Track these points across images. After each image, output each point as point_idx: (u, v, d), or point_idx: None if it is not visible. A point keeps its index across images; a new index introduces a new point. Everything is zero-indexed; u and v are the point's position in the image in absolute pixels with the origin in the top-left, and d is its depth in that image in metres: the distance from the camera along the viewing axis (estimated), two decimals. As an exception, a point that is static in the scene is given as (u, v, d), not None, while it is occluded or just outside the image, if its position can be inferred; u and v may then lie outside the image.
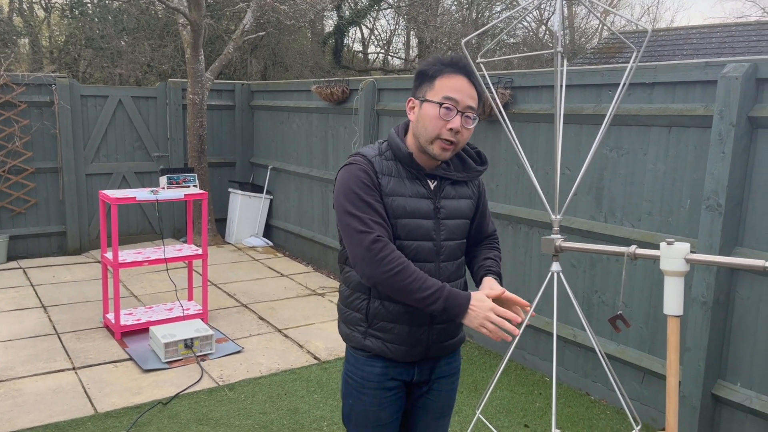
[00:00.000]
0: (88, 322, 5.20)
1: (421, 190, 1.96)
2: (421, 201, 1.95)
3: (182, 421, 3.70)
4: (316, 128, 7.15)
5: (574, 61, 13.69)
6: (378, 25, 17.99)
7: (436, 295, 1.82)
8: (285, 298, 6.06)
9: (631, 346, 3.94)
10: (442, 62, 1.91)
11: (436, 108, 1.87)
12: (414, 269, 1.84)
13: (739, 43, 11.04)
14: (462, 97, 1.87)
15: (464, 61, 1.91)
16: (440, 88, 1.88)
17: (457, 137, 1.89)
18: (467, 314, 1.82)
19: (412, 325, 1.97)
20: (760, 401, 3.30)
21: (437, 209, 1.97)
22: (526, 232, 4.58)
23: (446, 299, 1.82)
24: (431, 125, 1.88)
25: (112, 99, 7.58)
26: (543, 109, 4.39)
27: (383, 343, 1.99)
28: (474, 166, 2.07)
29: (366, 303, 1.99)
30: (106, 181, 7.61)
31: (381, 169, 1.93)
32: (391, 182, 1.93)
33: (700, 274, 3.41)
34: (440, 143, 1.89)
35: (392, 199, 1.92)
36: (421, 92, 1.93)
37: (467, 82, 1.90)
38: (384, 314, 1.97)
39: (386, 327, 1.98)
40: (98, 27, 11.33)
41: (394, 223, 1.92)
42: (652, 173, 3.76)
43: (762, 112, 3.20)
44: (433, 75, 1.90)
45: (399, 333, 1.97)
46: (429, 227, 1.95)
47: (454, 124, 1.87)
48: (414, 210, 1.93)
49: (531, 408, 3.98)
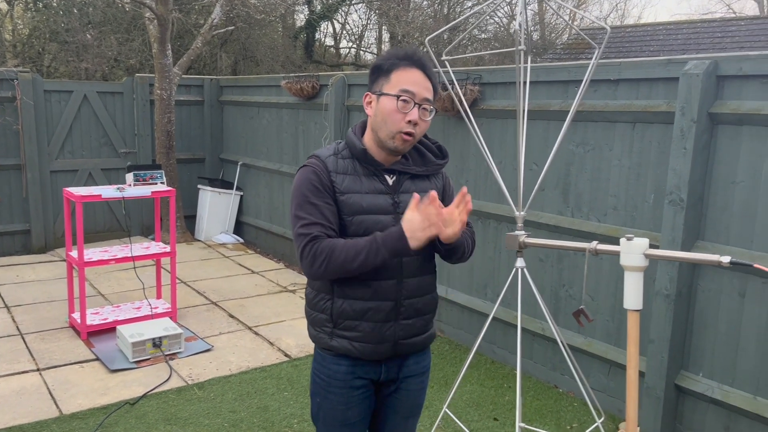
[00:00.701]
0: (53, 322, 5.10)
1: (378, 185, 1.97)
2: (379, 197, 1.96)
3: (150, 421, 3.65)
4: (287, 124, 7.11)
5: (545, 57, 13.83)
6: (350, 19, 17.92)
7: (374, 248, 1.83)
8: (256, 295, 6.02)
9: (597, 339, 4.00)
10: (397, 56, 1.93)
11: (393, 101, 1.89)
12: (342, 244, 1.85)
13: (704, 39, 11.26)
14: (418, 89, 1.89)
15: (419, 54, 1.93)
16: (396, 82, 1.90)
17: (415, 129, 1.91)
18: (409, 238, 1.82)
19: (377, 322, 1.97)
20: (722, 391, 3.39)
21: (396, 204, 1.97)
22: (495, 227, 4.61)
23: (384, 243, 1.83)
24: (390, 118, 1.90)
25: (77, 94, 7.43)
26: (511, 106, 4.42)
27: (349, 342, 1.99)
28: (434, 160, 2.07)
29: (330, 303, 1.98)
30: (71, 178, 7.46)
31: (335, 168, 1.94)
32: (347, 180, 1.94)
33: (663, 267, 3.47)
34: (401, 136, 1.90)
35: (348, 197, 1.92)
36: (377, 86, 1.95)
37: (422, 75, 1.91)
38: (349, 313, 1.97)
39: (351, 325, 1.98)
40: (63, 20, 11.09)
41: (351, 220, 1.92)
42: (617, 169, 3.82)
43: (722, 109, 3.27)
44: (389, 69, 1.92)
45: (364, 331, 1.97)
46: (388, 222, 1.95)
47: (412, 116, 1.88)
48: (371, 206, 1.94)
49: (500, 401, 4.02)
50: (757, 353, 3.25)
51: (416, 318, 2.03)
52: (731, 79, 3.27)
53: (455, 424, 3.68)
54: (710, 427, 3.47)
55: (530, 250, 4.31)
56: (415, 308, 2.02)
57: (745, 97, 3.22)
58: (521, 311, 2.06)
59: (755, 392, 3.27)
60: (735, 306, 3.32)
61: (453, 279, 5.00)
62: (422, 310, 2.04)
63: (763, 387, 3.24)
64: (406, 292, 1.98)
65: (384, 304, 1.96)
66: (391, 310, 1.97)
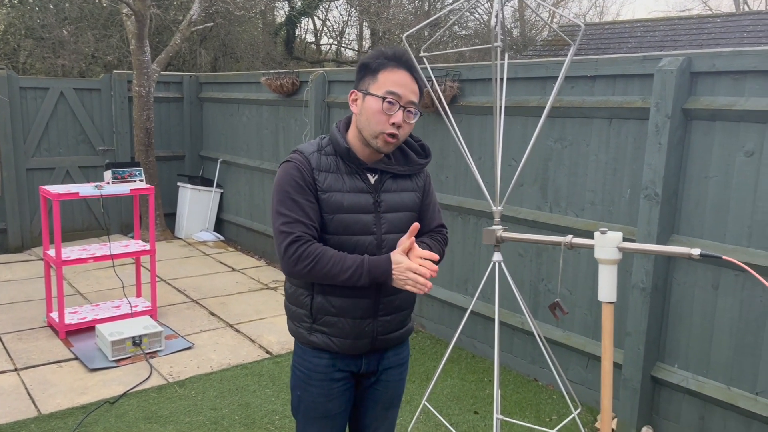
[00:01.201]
0: (31, 322, 5.05)
1: (359, 184, 1.97)
2: (360, 195, 1.96)
3: (130, 420, 3.64)
4: (267, 120, 7.08)
5: (524, 54, 13.91)
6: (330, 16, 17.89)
7: (359, 272, 1.86)
8: (237, 292, 6.00)
9: (576, 332, 4.05)
10: (385, 56, 1.93)
11: (379, 102, 1.89)
12: (331, 255, 1.87)
13: (681, 36, 11.40)
14: (404, 92, 1.90)
15: (407, 56, 1.94)
16: (383, 83, 1.90)
17: (399, 131, 1.92)
18: (393, 277, 1.87)
19: (356, 318, 1.98)
20: (696, 382, 3.45)
21: (377, 203, 1.98)
22: (475, 223, 4.65)
23: (369, 272, 1.87)
24: (374, 119, 1.90)
25: (54, 91, 7.33)
26: (490, 102, 4.45)
27: (328, 337, 2.00)
28: (416, 160, 2.08)
29: (309, 299, 1.99)
30: (48, 176, 7.36)
31: (318, 165, 1.94)
32: (329, 178, 1.94)
33: (639, 261, 3.53)
34: (384, 137, 1.91)
35: (329, 195, 1.93)
36: (364, 85, 1.95)
37: (409, 76, 1.92)
38: (328, 309, 1.98)
39: (330, 321, 1.99)
40: (39, 16, 10.92)
41: (331, 218, 1.93)
42: (594, 164, 3.87)
43: (696, 105, 3.33)
44: (377, 68, 1.92)
45: (343, 327, 1.99)
46: (368, 221, 1.96)
47: (397, 118, 1.89)
48: (352, 205, 1.95)
49: (481, 395, 4.06)
50: (730, 344, 3.32)
51: (395, 314, 2.06)
52: (704, 75, 3.33)
53: (436, 418, 3.71)
54: (686, 417, 3.54)
55: (510, 246, 4.35)
56: (393, 305, 2.04)
57: (717, 93, 3.28)
58: (500, 306, 2.09)
59: (729, 382, 3.35)
60: (709, 298, 3.39)
61: (434, 274, 5.02)
62: (400, 306, 2.07)
63: (737, 377, 3.31)
64: (385, 290, 1.98)
65: (363, 301, 1.97)
66: (370, 306, 1.99)
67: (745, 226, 3.21)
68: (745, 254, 3.19)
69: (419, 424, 3.66)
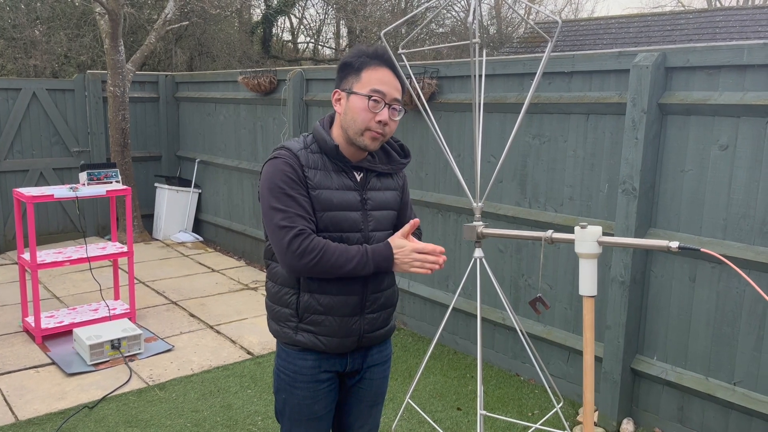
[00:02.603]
0: (6, 327, 4.96)
1: (347, 182, 1.97)
2: (348, 193, 1.96)
3: (110, 424, 3.59)
4: (245, 120, 7.03)
5: (501, 51, 13.98)
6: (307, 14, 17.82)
7: (363, 260, 1.88)
8: (217, 293, 5.95)
9: (557, 326, 4.08)
10: (367, 54, 1.93)
11: (364, 101, 1.89)
12: (335, 247, 1.88)
13: (654, 32, 11.55)
14: (389, 89, 1.91)
15: (388, 54, 1.94)
16: (367, 81, 1.90)
17: (385, 129, 1.92)
18: (395, 263, 1.90)
19: (344, 316, 1.98)
20: (675, 373, 3.50)
21: (364, 201, 1.99)
22: (455, 220, 4.66)
23: (373, 259, 1.89)
24: (360, 117, 1.90)
25: (26, 92, 7.20)
26: (469, 99, 4.47)
27: (315, 336, 1.99)
28: (398, 159, 2.10)
29: (295, 297, 1.98)
30: (21, 179, 7.24)
31: (307, 163, 1.93)
32: (318, 175, 1.93)
33: (618, 254, 3.57)
34: (370, 134, 1.91)
35: (319, 192, 1.92)
36: (347, 84, 1.94)
37: (392, 74, 1.93)
38: (315, 307, 1.96)
39: (317, 320, 1.97)
40: (10, 16, 10.71)
41: (321, 215, 1.92)
42: (572, 159, 3.90)
43: (671, 99, 3.37)
44: (359, 67, 1.92)
45: (330, 325, 1.98)
46: (357, 219, 1.97)
47: (382, 116, 1.90)
48: (341, 202, 1.95)
49: (464, 391, 4.07)
50: (707, 336, 3.37)
51: (380, 312, 2.06)
52: (679, 70, 3.38)
53: (419, 415, 3.71)
54: (665, 409, 3.58)
55: (490, 242, 4.37)
56: (379, 302, 2.05)
57: (692, 88, 3.33)
58: (481, 301, 2.10)
59: (706, 373, 3.40)
60: (686, 291, 3.44)
61: (415, 272, 5.03)
62: (385, 303, 2.08)
63: (714, 368, 3.37)
64: (372, 287, 2.00)
65: (351, 298, 1.97)
66: (357, 304, 1.99)
67: (721, 219, 3.26)
68: (720, 246, 3.23)
69: (402, 422, 3.66)
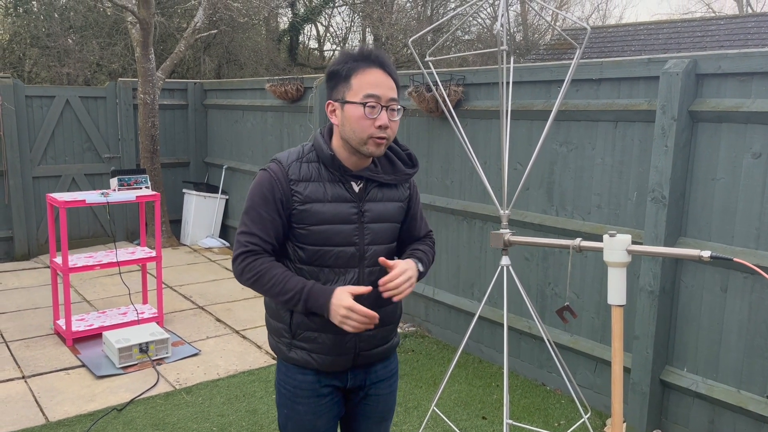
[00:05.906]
0: (38, 329, 5.06)
1: (343, 193, 1.89)
2: (342, 205, 1.88)
3: (138, 426, 3.63)
4: (272, 127, 7.10)
5: (528, 57, 13.92)
6: (333, 22, 17.92)
7: (297, 298, 1.84)
8: (242, 298, 6.00)
9: (583, 336, 4.04)
10: (353, 58, 1.83)
11: (359, 108, 1.80)
12: (274, 274, 1.85)
13: (684, 38, 11.40)
14: (383, 91, 1.81)
15: (375, 53, 1.84)
16: (359, 87, 1.80)
17: (387, 132, 1.84)
18: (330, 314, 1.83)
19: (338, 334, 1.90)
20: (706, 385, 3.43)
21: (361, 213, 1.91)
22: (480, 227, 4.64)
23: (306, 301, 1.84)
24: (359, 127, 1.81)
25: (59, 99, 7.36)
26: (495, 106, 4.45)
27: (308, 353, 1.94)
28: (403, 169, 2.00)
29: (289, 314, 1.93)
30: (54, 184, 7.39)
31: (297, 176, 1.87)
32: (309, 187, 1.87)
33: (647, 264, 3.51)
34: (373, 141, 1.83)
35: (309, 206, 1.86)
36: (338, 94, 1.85)
37: (383, 73, 1.83)
38: (308, 324, 1.92)
39: (311, 337, 1.92)
40: (44, 25, 10.99)
41: (310, 230, 1.87)
42: (600, 167, 3.86)
43: (702, 107, 3.32)
44: (348, 74, 1.82)
45: (324, 342, 1.92)
46: (350, 232, 1.89)
47: (382, 120, 1.81)
48: (333, 215, 1.87)
49: (489, 400, 4.04)
50: (739, 347, 3.30)
51: (379, 329, 1.96)
52: (710, 77, 3.33)
53: (444, 424, 3.69)
54: (695, 421, 3.51)
55: (516, 250, 4.34)
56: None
57: (723, 95, 3.27)
58: (508, 310, 2.08)
59: (738, 386, 3.32)
60: (717, 301, 3.37)
61: (440, 279, 5.02)
62: (385, 320, 1.97)
63: (746, 380, 3.29)
64: (368, 304, 1.85)
65: None
66: None
67: (753, 228, 3.19)
68: (753, 256, 3.17)
69: (427, 430, 3.65)
